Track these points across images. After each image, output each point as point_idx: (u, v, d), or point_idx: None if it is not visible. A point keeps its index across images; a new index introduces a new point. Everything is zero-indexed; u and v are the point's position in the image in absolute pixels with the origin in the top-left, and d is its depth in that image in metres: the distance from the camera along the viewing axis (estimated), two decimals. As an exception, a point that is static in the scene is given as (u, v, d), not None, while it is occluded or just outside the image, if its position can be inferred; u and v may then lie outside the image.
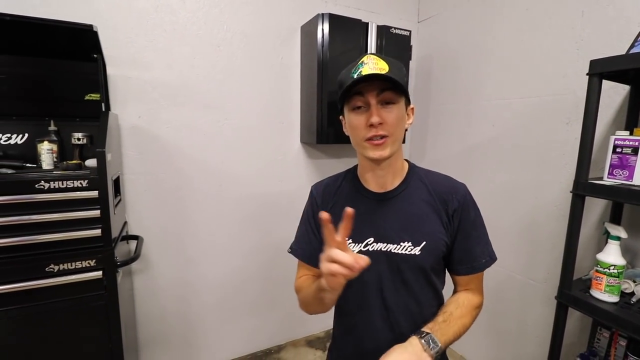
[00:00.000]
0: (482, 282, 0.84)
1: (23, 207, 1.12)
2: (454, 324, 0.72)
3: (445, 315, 0.73)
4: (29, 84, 1.41)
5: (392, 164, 0.79)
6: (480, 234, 0.80)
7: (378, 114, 0.71)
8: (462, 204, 0.77)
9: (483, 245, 0.79)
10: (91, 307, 1.25)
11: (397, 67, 0.73)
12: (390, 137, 0.73)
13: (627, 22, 1.30)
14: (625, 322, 1.04)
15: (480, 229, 0.80)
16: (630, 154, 1.10)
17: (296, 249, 0.92)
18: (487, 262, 0.79)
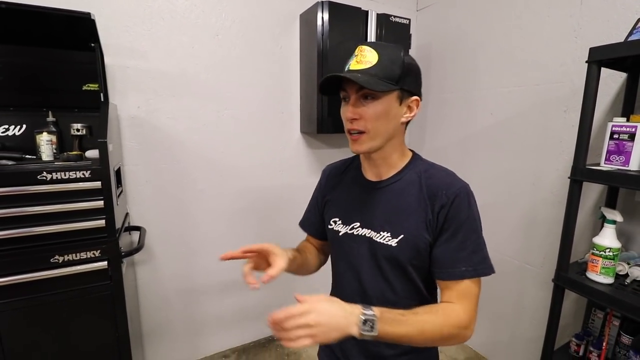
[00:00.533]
0: (472, 299, 0.70)
1: (26, 198, 1.11)
2: (410, 325, 0.63)
3: (408, 312, 0.65)
4: (25, 74, 1.38)
5: (385, 157, 0.77)
6: (469, 240, 0.70)
7: (354, 110, 0.70)
8: (452, 202, 0.70)
9: (469, 253, 0.69)
10: (97, 297, 1.26)
11: (389, 57, 0.69)
12: (367, 134, 0.71)
13: (625, 10, 1.31)
14: (620, 302, 1.08)
15: (471, 234, 0.70)
16: (627, 140, 1.13)
17: (302, 219, 1.01)
18: (465, 272, 0.69)
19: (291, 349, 2.09)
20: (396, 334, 0.62)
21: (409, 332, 0.63)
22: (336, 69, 1.73)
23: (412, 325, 0.63)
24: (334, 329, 0.58)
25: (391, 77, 0.68)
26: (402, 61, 0.69)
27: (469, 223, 0.70)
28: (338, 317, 0.59)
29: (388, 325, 0.61)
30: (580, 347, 1.37)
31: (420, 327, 0.64)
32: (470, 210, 0.71)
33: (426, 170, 0.77)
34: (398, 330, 0.62)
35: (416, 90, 0.74)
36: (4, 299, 1.13)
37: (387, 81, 0.68)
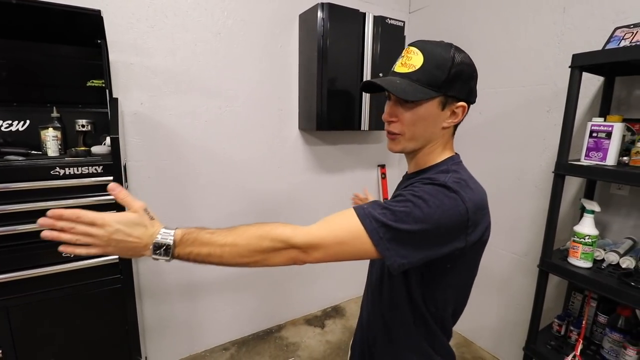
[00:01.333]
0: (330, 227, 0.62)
1: (39, 193, 1.13)
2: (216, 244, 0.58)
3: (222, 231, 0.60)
4: (29, 70, 1.38)
5: (418, 157, 0.74)
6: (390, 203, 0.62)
7: (390, 112, 0.70)
8: (407, 184, 0.69)
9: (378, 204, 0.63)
10: (108, 290, 1.28)
11: (435, 61, 0.65)
12: (402, 136, 0.70)
13: (603, 19, 1.44)
14: (598, 283, 1.20)
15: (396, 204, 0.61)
16: (604, 138, 1.25)
17: None
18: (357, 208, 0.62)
19: (290, 341, 2.16)
20: (202, 254, 0.58)
21: (214, 252, 0.58)
22: (335, 66, 1.81)
23: (220, 244, 0.58)
24: (127, 250, 0.58)
25: (434, 83, 0.65)
26: (449, 66, 0.65)
27: (408, 199, 0.61)
28: (133, 239, 0.57)
29: (189, 246, 0.58)
30: (562, 327, 1.50)
31: (232, 240, 0.59)
32: (418, 192, 0.61)
33: (439, 171, 0.70)
34: (199, 250, 0.58)
35: (464, 96, 0.68)
36: (17, 294, 1.14)
37: (429, 87, 0.65)
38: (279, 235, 0.60)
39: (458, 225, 0.61)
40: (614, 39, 1.26)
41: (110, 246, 0.57)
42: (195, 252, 0.59)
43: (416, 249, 0.60)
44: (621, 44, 1.23)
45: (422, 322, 0.73)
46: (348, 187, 2.35)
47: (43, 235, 0.55)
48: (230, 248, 0.59)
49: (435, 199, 0.60)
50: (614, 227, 1.48)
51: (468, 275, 0.75)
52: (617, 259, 1.29)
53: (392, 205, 0.61)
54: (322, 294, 2.45)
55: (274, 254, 0.60)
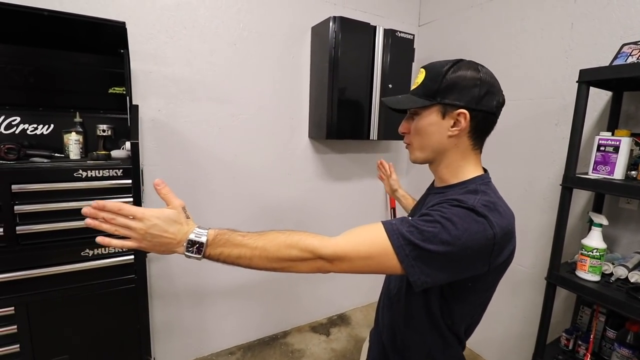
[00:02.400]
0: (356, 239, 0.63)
1: (63, 194, 1.18)
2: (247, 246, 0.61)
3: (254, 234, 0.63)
4: (54, 77, 1.45)
5: (436, 169, 0.78)
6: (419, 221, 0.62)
7: (403, 125, 0.79)
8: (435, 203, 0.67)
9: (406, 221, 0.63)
10: (122, 289, 1.32)
11: (431, 75, 0.72)
12: (411, 145, 0.77)
13: (611, 35, 1.46)
14: (606, 297, 1.20)
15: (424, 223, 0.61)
16: (612, 152, 1.26)
17: None
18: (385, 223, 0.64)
19: (295, 347, 2.16)
20: (233, 255, 0.61)
21: (244, 254, 0.61)
22: (345, 77, 1.87)
23: (251, 247, 0.61)
24: (160, 245, 0.61)
25: (428, 93, 0.71)
26: (441, 77, 0.70)
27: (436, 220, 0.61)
28: (169, 235, 0.61)
29: (220, 247, 0.61)
30: (570, 341, 1.49)
31: (262, 245, 0.61)
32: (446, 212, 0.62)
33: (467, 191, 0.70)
34: (230, 251, 0.61)
35: (465, 102, 0.69)
36: (36, 290, 1.18)
37: (425, 98, 0.71)
38: (308, 245, 0.62)
39: (484, 250, 0.62)
40: (621, 55, 1.28)
41: (145, 240, 0.60)
42: (226, 252, 0.62)
43: (440, 270, 0.61)
44: (628, 60, 1.25)
45: (438, 333, 0.75)
46: (356, 195, 2.38)
47: (86, 223, 0.59)
48: (260, 252, 0.61)
49: (463, 222, 0.60)
50: (622, 242, 1.47)
51: (487, 295, 0.77)
52: (625, 273, 1.28)
53: (420, 224, 0.61)
54: (328, 301, 2.46)
55: (301, 262, 0.63)
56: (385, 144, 2.46)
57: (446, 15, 2.25)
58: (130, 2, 1.54)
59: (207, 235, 0.61)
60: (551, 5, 1.67)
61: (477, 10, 2.04)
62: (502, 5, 1.91)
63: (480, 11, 2.02)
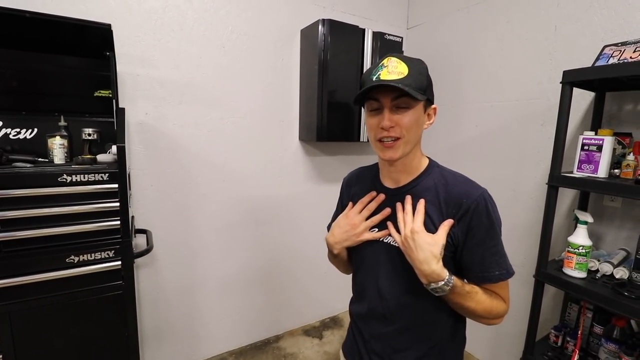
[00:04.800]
0: (506, 294, 0.80)
1: (46, 199, 1.15)
2: (472, 299, 0.75)
3: (472, 288, 0.76)
4: (38, 80, 1.42)
5: (407, 163, 0.80)
6: (498, 245, 0.77)
7: (390, 118, 0.73)
8: (474, 210, 0.74)
9: (499, 257, 0.76)
10: (109, 296, 1.29)
11: (417, 69, 0.74)
12: (402, 139, 0.74)
13: (593, 37, 1.50)
14: (592, 293, 1.22)
15: (498, 239, 0.77)
16: (596, 151, 1.29)
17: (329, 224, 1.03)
18: (501, 275, 0.76)
19: (288, 351, 2.15)
20: (458, 300, 0.75)
21: (466, 304, 0.75)
22: (335, 80, 1.87)
23: (472, 300, 0.75)
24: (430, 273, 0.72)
25: (421, 87, 0.73)
26: (427, 73, 0.76)
27: (494, 229, 0.76)
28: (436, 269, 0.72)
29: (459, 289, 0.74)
30: (559, 337, 1.51)
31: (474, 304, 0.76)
32: (492, 215, 0.76)
33: (443, 176, 0.81)
34: (463, 300, 0.75)
35: (433, 100, 0.79)
36: (20, 299, 1.15)
37: (418, 91, 0.72)
38: (499, 309, 0.78)
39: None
40: (603, 56, 1.31)
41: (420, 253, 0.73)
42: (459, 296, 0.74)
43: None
44: (610, 61, 1.28)
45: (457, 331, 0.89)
46: (347, 197, 2.38)
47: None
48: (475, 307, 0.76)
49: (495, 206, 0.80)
50: (607, 239, 1.51)
51: None
52: (611, 269, 1.31)
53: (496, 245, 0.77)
54: (320, 304, 2.45)
55: (494, 321, 0.80)
56: (376, 145, 2.47)
57: (434, 18, 2.28)
58: (116, 4, 1.53)
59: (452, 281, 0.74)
60: (535, 9, 1.71)
61: (463, 13, 2.07)
62: (487, 9, 1.94)
63: (467, 14, 2.05)
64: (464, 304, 0.75)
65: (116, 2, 1.52)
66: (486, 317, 0.77)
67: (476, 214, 0.75)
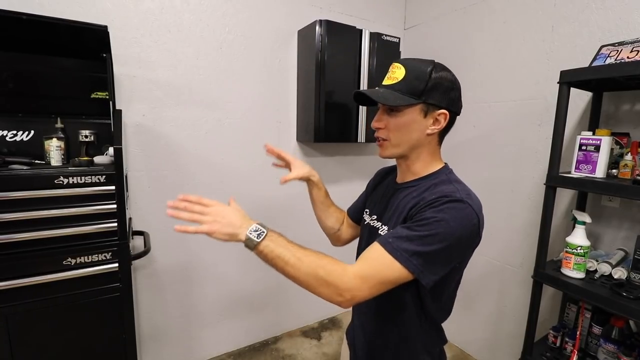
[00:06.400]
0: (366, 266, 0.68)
1: (43, 202, 1.15)
2: (290, 251, 0.68)
3: (298, 245, 0.71)
4: (34, 81, 1.41)
5: (408, 164, 0.82)
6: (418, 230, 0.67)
7: (379, 119, 0.79)
8: (430, 201, 0.70)
9: (405, 236, 0.67)
10: (106, 299, 1.29)
11: (415, 73, 0.73)
12: (389, 142, 0.78)
13: (590, 37, 1.50)
14: (591, 293, 1.22)
15: (423, 228, 0.67)
16: (593, 151, 1.29)
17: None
18: (386, 242, 0.68)
19: (286, 353, 2.14)
20: (274, 252, 0.68)
21: (284, 256, 0.68)
22: (332, 80, 1.87)
23: (291, 252, 0.68)
24: (229, 226, 0.71)
25: (414, 92, 0.73)
26: (427, 77, 0.72)
27: (430, 223, 0.67)
28: (235, 220, 0.72)
29: (272, 242, 0.69)
30: (557, 338, 1.51)
31: (299, 256, 0.68)
32: (440, 212, 0.67)
33: (440, 182, 0.77)
34: (277, 250, 0.68)
35: (445, 104, 0.74)
36: (16, 301, 1.14)
37: (410, 96, 0.73)
38: (334, 271, 0.67)
39: (473, 233, 0.71)
40: (600, 56, 1.31)
41: (216, 222, 0.70)
42: (270, 247, 0.69)
43: (445, 263, 0.70)
44: (607, 61, 1.28)
45: (426, 318, 0.81)
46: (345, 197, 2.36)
47: (168, 214, 0.73)
48: (295, 260, 0.68)
49: (455, 215, 0.68)
50: (606, 239, 1.51)
51: (463, 270, 0.83)
52: (609, 269, 1.31)
53: (418, 230, 0.67)
54: (318, 305, 2.45)
55: (325, 286, 0.67)
56: (373, 146, 2.47)
57: (431, 18, 2.28)
58: (113, 6, 1.52)
59: (267, 229, 0.71)
60: (532, 9, 1.71)
61: (460, 13, 2.08)
62: (484, 9, 1.94)
63: (464, 14, 2.05)
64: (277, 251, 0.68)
65: (113, 4, 1.52)
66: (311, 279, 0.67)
67: (427, 204, 0.70)
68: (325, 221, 1.11)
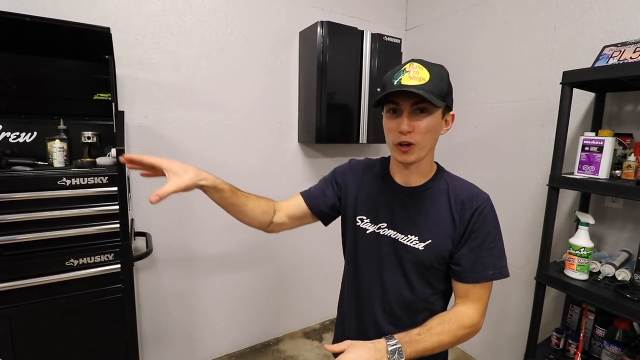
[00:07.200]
0: (485, 300, 0.80)
1: (46, 203, 1.15)
2: (428, 340, 0.73)
3: (423, 330, 0.74)
4: (37, 83, 1.42)
5: (420, 166, 0.82)
6: (496, 247, 0.79)
7: (408, 123, 0.74)
8: (480, 212, 0.78)
9: (495, 258, 0.78)
10: (108, 299, 1.29)
11: (439, 76, 0.74)
12: (417, 145, 0.75)
13: (592, 38, 1.49)
14: (594, 295, 1.21)
15: (497, 241, 0.79)
16: (596, 152, 1.28)
17: (306, 191, 1.03)
18: (493, 275, 0.78)
19: (288, 354, 2.14)
20: (419, 351, 0.72)
21: (427, 347, 0.73)
22: (334, 81, 1.87)
23: (430, 340, 0.73)
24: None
25: (441, 93, 0.73)
26: (448, 80, 0.76)
27: (495, 231, 0.79)
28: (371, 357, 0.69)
29: (410, 347, 0.71)
30: (560, 340, 1.50)
31: (437, 339, 0.74)
32: (495, 219, 0.80)
33: (450, 179, 0.85)
34: (420, 347, 0.72)
35: (452, 106, 0.81)
36: (19, 302, 1.15)
37: (439, 97, 0.72)
38: (467, 324, 0.78)
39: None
40: (603, 56, 1.31)
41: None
42: (414, 350, 0.72)
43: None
44: (610, 62, 1.27)
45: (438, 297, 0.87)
46: (347, 199, 2.37)
47: None
48: (438, 343, 0.74)
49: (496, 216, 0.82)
50: (609, 240, 1.50)
51: None
52: (612, 271, 1.30)
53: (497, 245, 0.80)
54: (320, 306, 2.44)
55: (467, 337, 0.79)
56: (375, 147, 2.47)
57: (432, 19, 2.28)
58: (115, 8, 1.53)
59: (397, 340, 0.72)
60: (534, 9, 1.71)
61: (462, 14, 2.07)
62: (486, 10, 1.94)
63: (465, 15, 2.05)
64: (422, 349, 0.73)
65: (115, 6, 1.53)
66: (455, 343, 0.78)
67: (482, 216, 0.78)
68: (248, 221, 0.95)
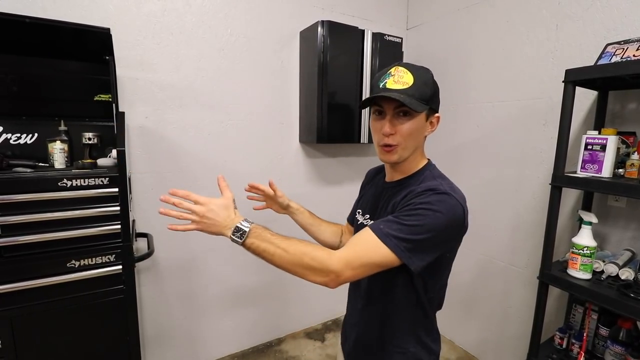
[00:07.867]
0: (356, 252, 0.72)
1: (47, 204, 1.15)
2: (274, 244, 0.72)
3: (281, 236, 0.74)
4: (38, 85, 1.42)
5: (404, 164, 0.85)
6: (405, 218, 0.71)
7: (390, 126, 0.77)
8: (417, 193, 0.74)
9: (394, 222, 0.72)
10: (110, 301, 1.29)
11: (422, 80, 0.76)
12: (399, 146, 0.78)
13: (595, 36, 1.48)
14: (598, 294, 1.20)
15: (410, 217, 0.71)
16: (599, 151, 1.27)
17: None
18: (375, 226, 0.73)
19: (290, 354, 2.14)
20: (260, 247, 0.73)
21: (269, 250, 0.72)
22: (335, 81, 1.86)
23: (273, 246, 0.72)
24: (214, 226, 0.74)
25: (424, 97, 0.76)
26: (432, 83, 0.78)
27: (419, 213, 0.71)
28: (220, 219, 0.74)
29: (256, 239, 0.73)
30: (564, 340, 1.49)
31: (282, 248, 0.72)
32: (427, 204, 0.71)
33: (427, 178, 0.82)
34: (262, 246, 0.73)
35: (438, 108, 0.83)
36: (21, 304, 1.15)
37: (421, 101, 0.75)
38: (318, 256, 0.71)
39: (459, 223, 0.75)
40: (606, 54, 1.30)
41: (202, 222, 0.74)
42: (256, 244, 0.73)
43: (432, 251, 0.74)
44: (612, 60, 1.26)
45: (421, 311, 0.85)
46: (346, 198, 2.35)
47: (160, 212, 0.76)
48: (281, 252, 0.72)
49: (440, 206, 0.72)
50: (612, 239, 1.49)
51: (452, 261, 0.86)
52: (616, 270, 1.29)
53: (405, 220, 0.71)
54: (322, 307, 2.44)
55: (311, 271, 0.71)
56: (377, 146, 2.46)
57: (433, 18, 2.27)
58: (115, 8, 1.53)
59: (250, 227, 0.74)
60: (536, 7, 1.70)
61: (463, 13, 2.06)
62: (488, 8, 1.93)
63: (467, 14, 2.04)
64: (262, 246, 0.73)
65: (115, 6, 1.52)
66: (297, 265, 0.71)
67: (414, 195, 0.75)
68: (322, 239, 1.13)
